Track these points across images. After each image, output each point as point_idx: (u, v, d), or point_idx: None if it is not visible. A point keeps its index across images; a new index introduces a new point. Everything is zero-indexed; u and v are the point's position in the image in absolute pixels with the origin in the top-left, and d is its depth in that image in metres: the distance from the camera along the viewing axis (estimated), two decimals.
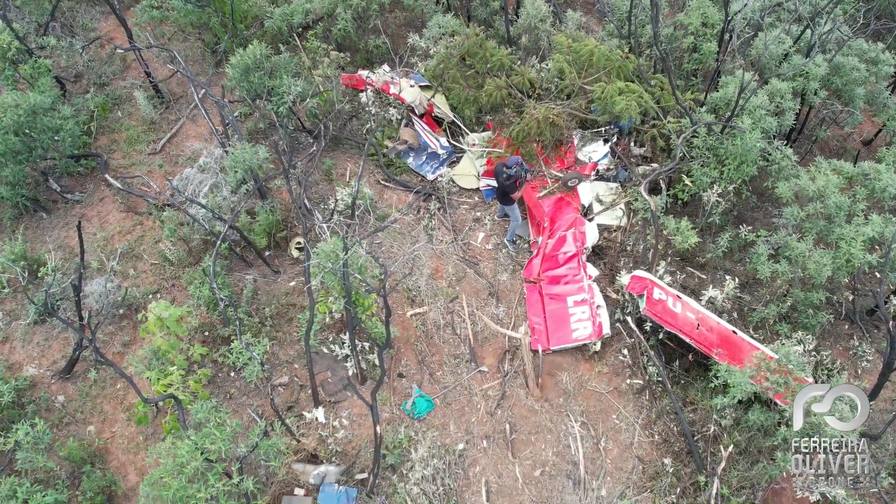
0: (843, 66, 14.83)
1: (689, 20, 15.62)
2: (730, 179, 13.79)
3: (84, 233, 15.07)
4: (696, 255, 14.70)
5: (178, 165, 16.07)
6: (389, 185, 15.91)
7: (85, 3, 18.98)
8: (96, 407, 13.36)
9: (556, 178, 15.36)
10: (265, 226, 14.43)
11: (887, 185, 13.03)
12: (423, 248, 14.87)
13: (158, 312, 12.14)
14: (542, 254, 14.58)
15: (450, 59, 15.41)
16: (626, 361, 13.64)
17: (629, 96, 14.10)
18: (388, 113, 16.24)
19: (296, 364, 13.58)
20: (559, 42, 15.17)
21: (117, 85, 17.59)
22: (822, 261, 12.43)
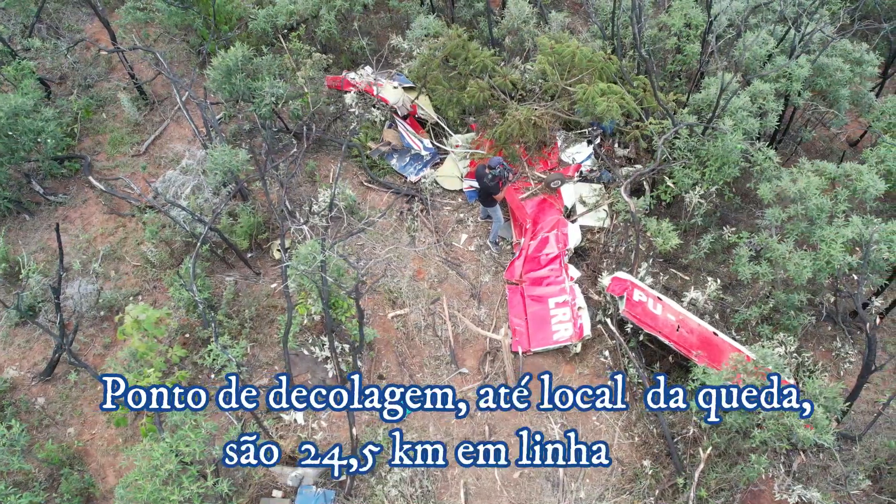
0: (827, 66, 14.77)
1: (672, 21, 15.58)
2: (711, 181, 13.75)
3: (67, 234, 15.16)
4: (679, 256, 14.67)
5: (162, 167, 16.06)
6: (373, 187, 15.90)
7: (71, 4, 18.99)
8: (76, 409, 13.35)
9: (539, 180, 15.33)
10: (246, 227, 14.42)
11: (868, 185, 12.96)
12: (403, 249, 14.87)
13: (135, 314, 12.13)
14: (524, 255, 14.56)
15: (432, 61, 15.38)
16: (608, 363, 13.61)
17: (611, 97, 14.07)
18: (371, 114, 16.22)
19: (276, 366, 13.56)
20: (542, 43, 15.15)
21: (102, 87, 17.59)
22: (802, 262, 12.37)
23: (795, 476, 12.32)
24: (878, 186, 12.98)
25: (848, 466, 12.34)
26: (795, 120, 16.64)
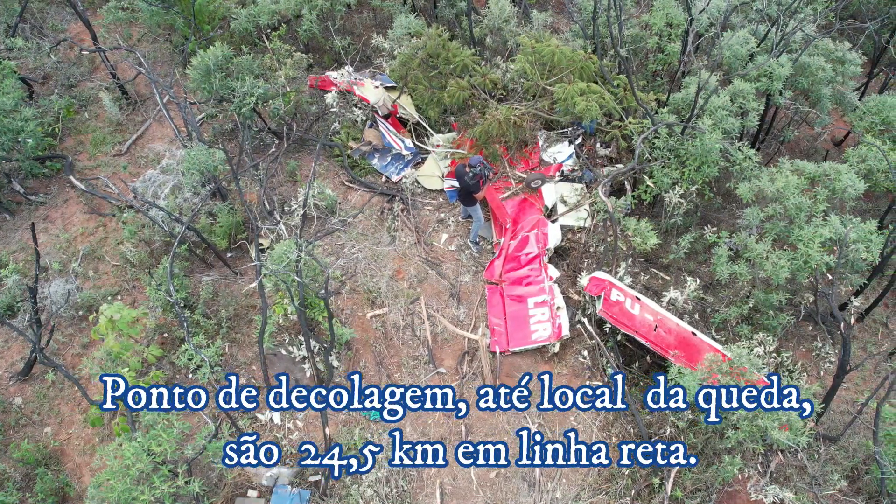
0: (809, 65, 14.72)
1: (653, 20, 15.55)
2: (691, 180, 13.71)
3: (47, 234, 15.16)
4: (660, 256, 14.64)
5: (144, 167, 16.04)
6: (354, 187, 15.87)
7: (55, 4, 18.99)
8: (53, 409, 13.32)
9: (520, 180, 15.29)
10: (226, 227, 14.39)
11: (847, 185, 12.92)
12: (383, 249, 14.83)
13: (110, 314, 12.10)
14: (504, 255, 14.52)
15: (412, 60, 15.35)
16: (586, 363, 13.57)
17: (590, 97, 14.03)
18: (352, 114, 16.19)
19: (254, 366, 13.52)
20: (522, 42, 15.11)
21: (85, 86, 17.58)
22: (779, 262, 12.34)
23: (773, 476, 12.29)
24: (857, 186, 12.94)
25: (826, 466, 12.31)
26: (779, 119, 16.60)
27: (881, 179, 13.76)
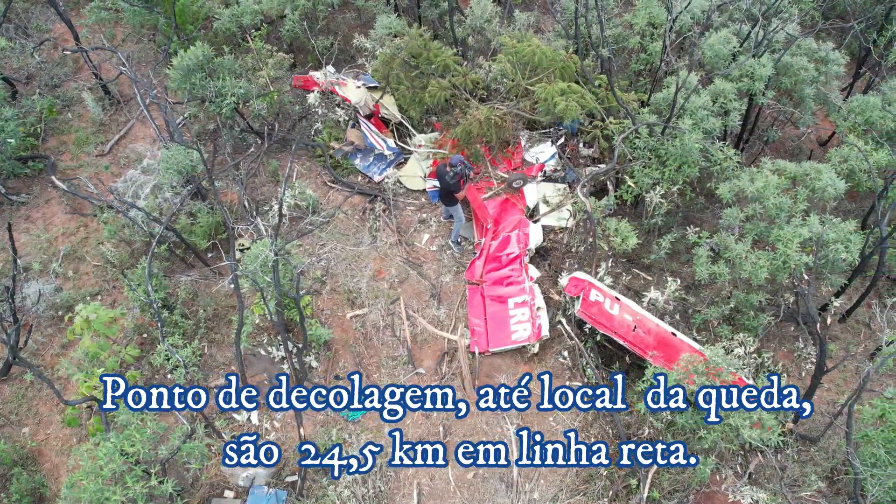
0: (792, 65, 14.68)
1: (635, 20, 15.51)
2: (672, 180, 13.67)
3: (28, 234, 15.14)
4: (642, 256, 14.60)
5: (126, 167, 16.01)
6: (336, 187, 15.83)
7: (40, 4, 18.97)
8: (31, 409, 13.28)
9: (502, 180, 15.26)
10: (206, 227, 14.35)
11: (826, 185, 12.88)
12: (364, 249, 14.80)
13: (86, 314, 12.07)
14: (484, 255, 14.48)
15: (393, 60, 15.32)
16: (566, 363, 13.53)
17: (570, 97, 13.99)
18: (335, 114, 16.16)
19: (233, 366, 13.48)
20: (504, 42, 15.08)
21: (68, 87, 17.56)
22: (758, 262, 12.29)
23: (752, 477, 12.24)
24: (837, 186, 12.89)
25: (806, 467, 12.27)
26: (762, 120, 16.55)
27: (863, 179, 13.73)
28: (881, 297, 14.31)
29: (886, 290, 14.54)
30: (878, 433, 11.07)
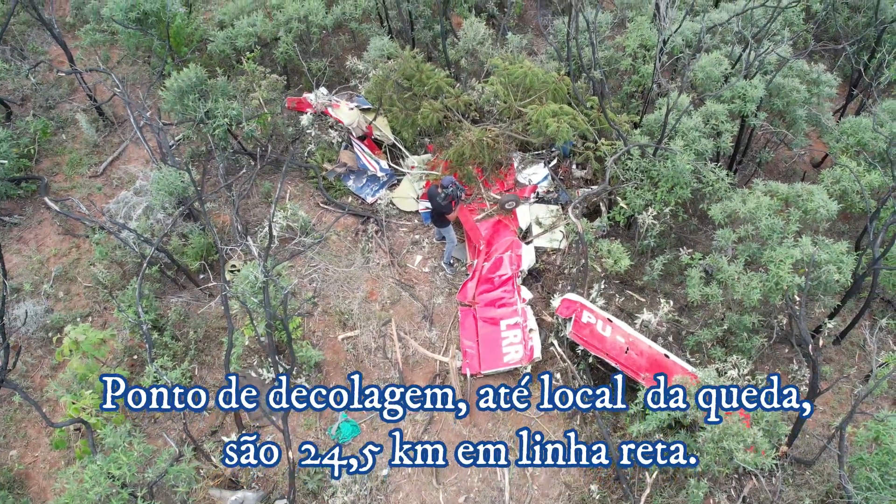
0: (784, 87, 14.71)
1: (627, 42, 15.57)
2: (664, 202, 13.65)
3: (20, 255, 15.12)
4: (635, 278, 14.55)
5: (119, 188, 16.01)
6: (329, 208, 15.82)
7: (36, 27, 19.06)
8: (20, 431, 13.18)
9: (494, 201, 15.24)
10: (197, 248, 14.32)
11: (819, 206, 12.86)
12: (356, 270, 14.75)
13: (75, 336, 12.02)
14: (477, 276, 14.43)
15: (386, 82, 15.37)
16: (559, 385, 13.42)
17: (562, 118, 14.01)
18: (328, 135, 16.19)
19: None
20: (495, 64, 15.13)
21: (63, 108, 17.61)
22: (751, 284, 12.24)
23: (746, 501, 12.12)
24: (829, 207, 12.88)
25: (800, 491, 12.15)
26: (755, 141, 16.57)
27: (856, 201, 13.72)
28: (875, 319, 14.25)
29: (880, 311, 14.48)
30: (873, 456, 10.96)
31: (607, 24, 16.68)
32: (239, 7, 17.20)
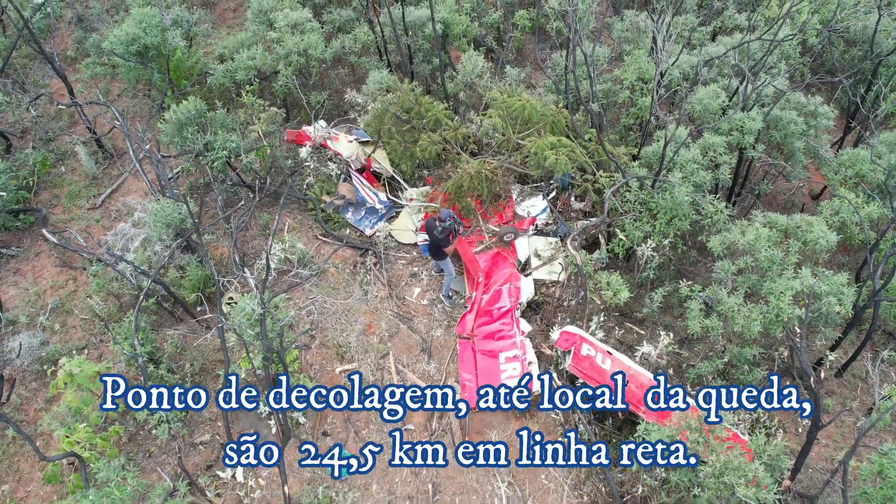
0: (781, 119, 14.76)
1: (624, 75, 15.65)
2: (663, 234, 13.62)
3: (17, 288, 15.05)
4: (635, 310, 14.47)
5: (117, 220, 16.01)
6: (327, 240, 15.80)
7: (38, 60, 19.19)
8: (13, 465, 13.01)
9: (493, 233, 15.22)
10: (195, 280, 14.26)
11: (818, 237, 12.82)
12: (354, 303, 14.68)
13: (70, 368, 11.91)
14: (476, 309, 14.35)
15: (384, 115, 15.43)
16: (558, 419, 13.29)
17: (560, 151, 14.04)
18: (327, 168, 16.22)
19: (219, 422, 13.24)
20: (493, 97, 15.21)
21: (62, 140, 17.67)
22: (751, 316, 12.16)
23: None
24: (829, 238, 12.84)
25: None
26: (754, 173, 16.59)
27: (855, 232, 13.69)
28: (877, 351, 14.14)
29: (882, 343, 14.38)
30: (877, 491, 10.79)
31: (605, 57, 16.78)
32: (239, 41, 17.33)
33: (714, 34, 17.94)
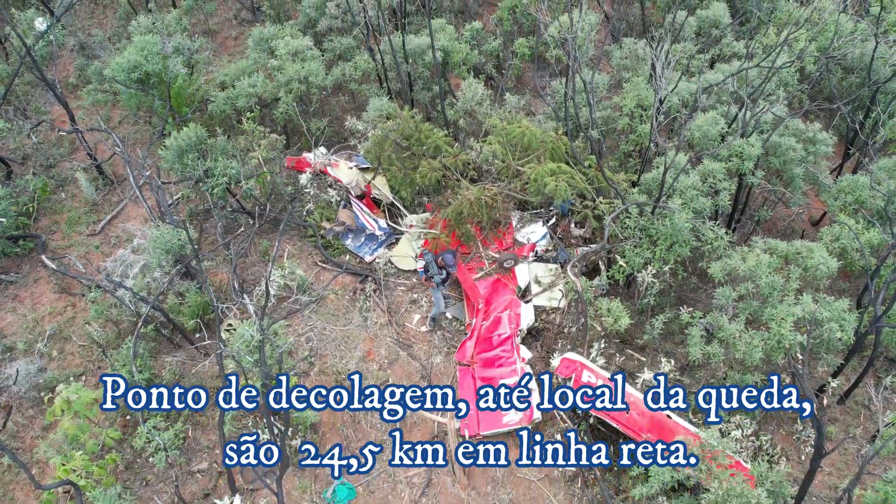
0: (780, 145, 14.78)
1: (624, 102, 15.72)
2: (663, 260, 13.59)
3: (15, 314, 14.99)
4: (636, 337, 14.40)
5: (117, 246, 15.98)
6: (326, 267, 15.76)
7: (40, 87, 19.27)
8: (8, 493, 12.87)
9: (493, 260, 15.20)
10: (194, 307, 14.21)
11: (819, 263, 12.80)
12: (351, 329, 14.64)
13: (67, 395, 11.83)
14: (476, 335, 14.29)
15: (385, 141, 15.47)
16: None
17: (560, 177, 14.06)
18: (327, 194, 16.24)
19: (216, 450, 13.13)
20: (493, 124, 15.26)
21: (63, 167, 17.69)
22: (753, 342, 12.10)
23: None
24: (829, 264, 12.82)
25: None
26: (753, 200, 16.59)
27: (856, 258, 13.67)
28: (879, 377, 14.06)
29: (884, 370, 14.30)
30: None
31: (604, 84, 16.85)
32: (240, 68, 17.41)
33: (712, 61, 18.03)
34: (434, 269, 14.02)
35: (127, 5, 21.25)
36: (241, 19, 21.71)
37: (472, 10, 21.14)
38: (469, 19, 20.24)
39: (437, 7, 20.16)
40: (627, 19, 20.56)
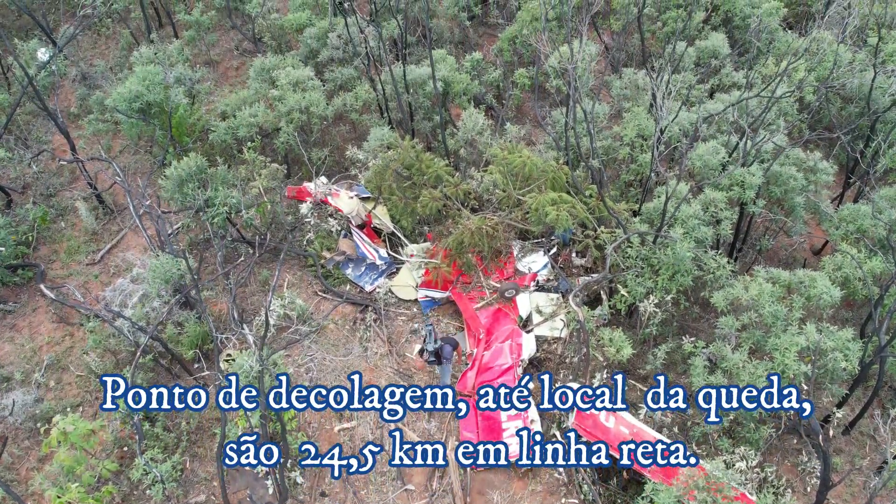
0: (781, 174, 14.79)
1: (624, 132, 15.75)
2: (665, 289, 13.53)
3: (13, 344, 14.89)
4: (638, 367, 14.29)
5: (116, 276, 15.93)
6: (327, 296, 15.69)
7: (41, 116, 19.33)
8: None
9: (494, 290, 15.14)
10: (193, 337, 14.12)
11: (822, 292, 12.73)
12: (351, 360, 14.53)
13: (63, 426, 11.70)
14: (477, 366, 14.18)
15: (385, 171, 15.48)
16: (562, 479, 13.01)
17: (561, 207, 14.03)
18: (327, 224, 16.22)
19: (215, 481, 12.96)
20: (494, 153, 15.28)
21: (63, 196, 17.69)
22: (756, 372, 11.99)
23: None
24: (832, 293, 12.76)
25: None
26: (755, 229, 16.57)
27: (859, 287, 13.61)
28: (885, 407, 13.93)
29: (889, 400, 14.17)
30: None
31: (604, 114, 16.92)
32: (241, 98, 17.49)
33: (712, 91, 18.11)
34: (430, 340, 13.77)
35: (129, 36, 21.40)
36: (243, 50, 21.85)
37: (472, 41, 21.29)
38: (469, 50, 20.36)
39: (437, 38, 20.31)
40: (627, 50, 20.69)
